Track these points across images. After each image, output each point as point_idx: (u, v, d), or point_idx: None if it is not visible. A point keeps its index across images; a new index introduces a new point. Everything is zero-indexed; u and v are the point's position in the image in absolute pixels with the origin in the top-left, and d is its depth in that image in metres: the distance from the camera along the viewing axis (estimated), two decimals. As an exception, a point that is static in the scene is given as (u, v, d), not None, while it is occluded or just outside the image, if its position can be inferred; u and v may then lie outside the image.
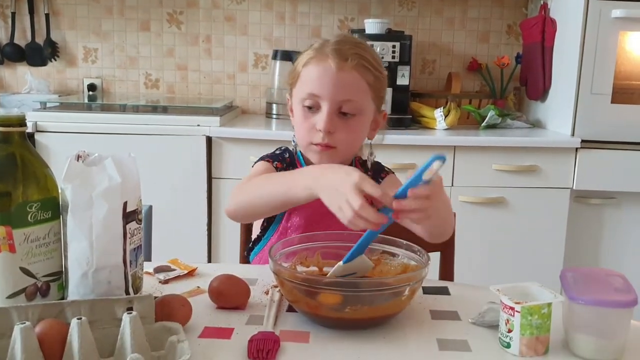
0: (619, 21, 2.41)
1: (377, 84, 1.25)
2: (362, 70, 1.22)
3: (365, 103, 1.25)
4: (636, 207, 2.55)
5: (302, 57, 1.26)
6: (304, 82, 1.24)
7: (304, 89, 1.24)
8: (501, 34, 3.08)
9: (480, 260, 2.50)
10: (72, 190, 0.87)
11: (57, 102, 2.70)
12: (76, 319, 0.77)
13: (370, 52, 1.26)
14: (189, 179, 2.45)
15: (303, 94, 1.24)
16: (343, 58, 1.20)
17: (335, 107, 1.22)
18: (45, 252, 0.91)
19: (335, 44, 1.23)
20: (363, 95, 1.24)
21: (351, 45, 1.23)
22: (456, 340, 0.93)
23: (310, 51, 1.25)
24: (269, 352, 0.85)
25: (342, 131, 1.23)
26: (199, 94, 3.08)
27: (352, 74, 1.21)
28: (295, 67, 1.27)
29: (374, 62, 1.25)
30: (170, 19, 3.01)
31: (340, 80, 1.20)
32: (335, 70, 1.20)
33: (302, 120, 1.26)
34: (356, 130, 1.26)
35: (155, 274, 1.16)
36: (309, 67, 1.24)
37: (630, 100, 2.50)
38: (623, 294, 0.86)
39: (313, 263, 1.12)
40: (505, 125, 2.73)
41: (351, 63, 1.20)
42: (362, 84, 1.23)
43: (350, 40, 1.27)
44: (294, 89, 1.28)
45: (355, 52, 1.22)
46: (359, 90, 1.23)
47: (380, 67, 1.27)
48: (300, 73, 1.26)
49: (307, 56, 1.25)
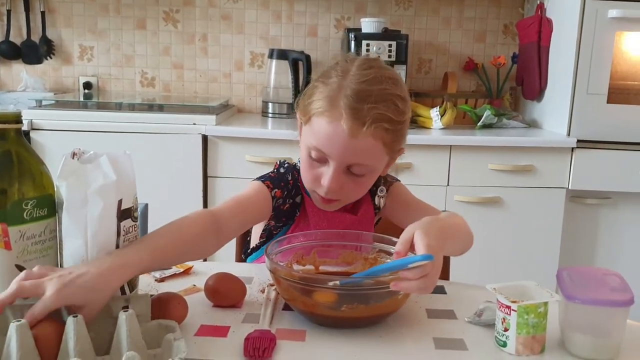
0: (615, 21, 2.41)
1: (394, 140, 1.11)
2: (380, 133, 1.07)
3: (378, 162, 1.14)
4: (632, 207, 2.55)
5: (317, 98, 1.10)
6: (314, 133, 1.11)
7: (312, 140, 1.11)
8: (497, 33, 3.08)
9: (476, 259, 2.48)
10: (67, 187, 0.87)
11: (53, 100, 2.69)
12: (72, 316, 0.77)
13: (395, 103, 1.09)
14: (185, 178, 2.44)
15: (310, 144, 1.12)
16: (359, 122, 1.05)
17: (343, 167, 1.11)
18: (41, 250, 0.90)
19: (354, 98, 1.06)
20: (376, 156, 1.12)
21: (372, 102, 1.06)
22: (452, 339, 0.93)
23: (326, 99, 1.08)
24: (265, 350, 0.85)
25: (349, 188, 1.14)
26: (195, 93, 3.08)
27: (367, 141, 1.07)
28: (309, 105, 1.12)
29: (397, 116, 1.09)
30: (167, 17, 3.00)
31: (351, 146, 1.07)
32: (347, 136, 1.06)
33: (307, 166, 1.15)
34: (364, 186, 1.18)
35: (151, 272, 1.15)
36: (320, 120, 1.09)
37: (626, 100, 2.50)
38: (619, 293, 0.87)
39: (309, 261, 1.12)
40: (501, 125, 2.73)
41: (368, 130, 1.05)
42: (377, 148, 1.09)
43: (374, 91, 1.07)
44: (304, 126, 1.15)
45: (375, 113, 1.05)
46: (373, 154, 1.11)
47: (402, 116, 1.11)
48: (312, 118, 1.11)
49: (321, 104, 1.09)
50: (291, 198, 1.23)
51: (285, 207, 1.23)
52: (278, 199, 1.21)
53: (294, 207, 1.24)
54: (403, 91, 1.12)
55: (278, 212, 1.22)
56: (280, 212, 1.23)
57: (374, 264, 1.10)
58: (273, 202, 1.20)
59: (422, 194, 2.42)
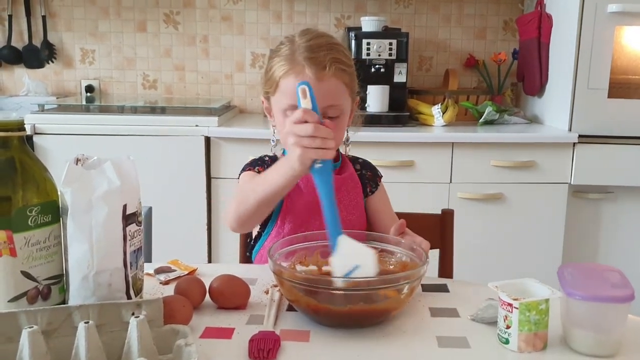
0: (615, 16, 2.41)
1: (352, 81, 1.27)
2: (340, 74, 1.22)
3: (346, 102, 1.27)
4: (634, 201, 2.56)
5: (277, 65, 1.24)
6: (285, 94, 1.23)
7: (286, 100, 1.23)
8: (498, 30, 3.09)
9: (479, 256, 2.50)
10: (72, 193, 0.88)
11: (55, 105, 2.70)
12: (83, 322, 0.78)
13: (343, 51, 1.26)
14: (188, 180, 2.45)
15: (285, 105, 1.23)
16: (321, 67, 1.20)
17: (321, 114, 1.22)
18: (46, 256, 0.91)
19: (309, 51, 1.21)
20: (343, 96, 1.25)
21: (326, 50, 1.22)
22: (455, 337, 0.93)
23: (284, 61, 1.23)
24: (269, 351, 0.86)
25: None
26: (197, 94, 3.09)
27: (332, 81, 1.21)
28: (272, 75, 1.26)
29: (348, 60, 1.26)
30: (167, 19, 3.01)
31: (321, 90, 1.18)
32: (315, 81, 1.18)
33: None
34: (340, 128, 1.28)
35: (156, 275, 1.16)
36: (287, 79, 1.22)
37: (627, 94, 2.50)
38: (620, 289, 0.87)
39: (312, 262, 1.13)
40: (502, 121, 2.73)
41: (330, 71, 1.20)
42: (340, 87, 1.24)
43: (322, 42, 1.24)
44: (273, 96, 1.28)
45: (332, 57, 1.21)
46: (340, 93, 1.24)
47: (351, 61, 1.27)
48: (278, 83, 1.24)
49: (283, 67, 1.23)
50: (265, 165, 1.33)
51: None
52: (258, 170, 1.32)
53: None
54: (343, 43, 1.27)
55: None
56: None
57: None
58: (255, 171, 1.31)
59: (424, 191, 2.46)
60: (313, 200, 1.24)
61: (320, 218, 1.24)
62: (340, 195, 1.33)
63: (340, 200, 1.32)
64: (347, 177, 1.37)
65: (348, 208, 1.34)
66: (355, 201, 1.36)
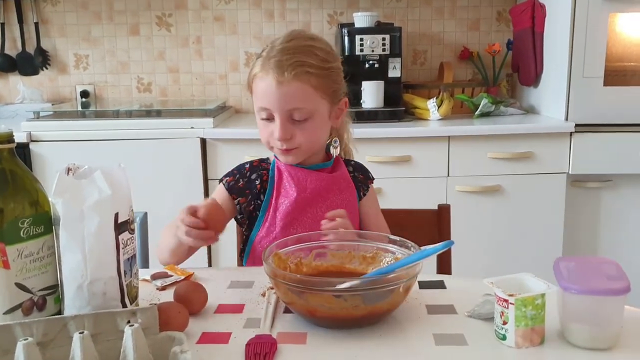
0: (608, 2, 2.40)
1: (323, 83, 1.27)
2: (303, 77, 1.23)
3: (314, 105, 1.27)
4: (632, 188, 2.55)
5: (254, 67, 1.28)
6: (256, 95, 1.29)
7: (257, 102, 1.29)
8: (491, 21, 3.08)
9: (478, 249, 2.50)
10: (63, 204, 0.87)
11: (51, 111, 2.70)
12: (78, 333, 0.78)
13: (314, 52, 1.26)
14: (185, 182, 2.45)
15: (256, 106, 1.29)
16: (281, 71, 1.22)
17: (286, 116, 1.26)
18: (40, 267, 0.91)
19: (278, 54, 1.24)
20: (310, 99, 1.26)
21: (291, 54, 1.23)
22: (452, 334, 0.93)
23: (258, 62, 1.27)
24: (266, 355, 0.86)
25: (299, 135, 1.28)
26: (192, 96, 3.08)
27: (293, 85, 1.23)
28: (249, 76, 1.30)
29: (317, 62, 1.25)
30: (160, 21, 3.00)
31: (282, 94, 1.23)
32: (275, 86, 1.23)
33: (262, 127, 1.31)
34: (312, 130, 1.29)
35: (153, 280, 1.16)
36: (256, 82, 1.27)
37: (622, 82, 2.49)
38: (615, 282, 0.87)
39: (308, 263, 1.12)
40: (499, 113, 2.73)
41: (289, 76, 1.22)
42: (306, 90, 1.24)
43: (294, 45, 1.26)
44: (252, 96, 1.32)
45: (294, 60, 1.23)
46: (304, 97, 1.25)
47: (325, 63, 1.27)
48: (252, 84, 1.29)
49: (255, 70, 1.27)
50: (245, 177, 1.36)
51: (240, 185, 1.35)
52: (230, 182, 1.36)
53: (250, 182, 1.35)
54: (323, 44, 1.30)
55: (235, 190, 1.35)
56: (236, 189, 1.35)
57: (372, 262, 1.10)
58: (226, 186, 1.35)
59: (422, 186, 2.46)
60: (301, 198, 1.31)
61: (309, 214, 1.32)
62: (332, 193, 1.34)
63: (331, 198, 1.34)
64: (339, 176, 1.37)
65: (341, 207, 1.32)
66: (348, 200, 1.36)
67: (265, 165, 1.37)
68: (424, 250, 0.99)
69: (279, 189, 1.33)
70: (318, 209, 1.32)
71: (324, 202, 1.33)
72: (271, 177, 1.35)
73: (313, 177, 1.33)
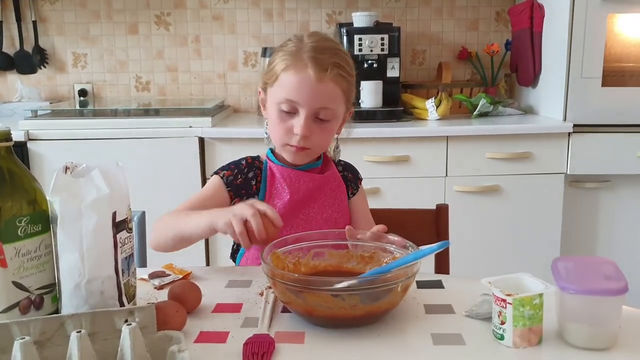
0: (607, 3, 2.40)
1: (349, 89, 1.30)
2: (339, 79, 1.25)
3: (340, 109, 1.30)
4: (630, 189, 2.55)
5: (280, 59, 1.27)
6: (283, 87, 1.26)
7: (282, 94, 1.26)
8: (490, 21, 3.08)
9: (476, 249, 2.50)
10: (61, 202, 0.87)
11: (49, 110, 2.69)
12: (75, 332, 0.77)
13: (346, 59, 1.29)
14: (184, 181, 2.44)
15: (280, 98, 1.26)
16: (323, 68, 1.23)
17: (312, 113, 1.26)
18: (37, 265, 0.91)
19: (314, 51, 1.24)
20: (338, 102, 1.28)
21: (330, 54, 1.25)
22: (450, 334, 0.93)
23: (288, 56, 1.26)
24: (264, 354, 0.86)
25: (317, 135, 1.28)
26: (190, 95, 3.08)
27: (331, 85, 1.24)
28: (273, 68, 1.28)
29: (349, 68, 1.29)
30: (158, 20, 3.00)
31: (319, 91, 1.24)
32: (314, 81, 1.23)
33: (278, 121, 1.29)
34: (330, 133, 1.33)
35: (150, 279, 1.16)
36: (287, 73, 1.25)
37: (621, 82, 2.50)
38: (613, 282, 0.87)
39: (305, 263, 1.12)
40: (497, 113, 2.73)
41: (330, 74, 1.23)
42: (338, 93, 1.27)
43: (328, 46, 1.28)
44: (270, 88, 1.30)
45: (334, 61, 1.24)
46: (336, 98, 1.27)
47: (353, 71, 1.31)
48: (278, 76, 1.27)
49: (285, 61, 1.25)
50: (243, 174, 1.33)
51: (238, 182, 1.32)
52: (228, 177, 1.32)
53: (247, 181, 1.33)
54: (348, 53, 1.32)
55: (233, 187, 1.31)
56: (234, 186, 1.31)
57: (370, 262, 1.10)
58: (224, 180, 1.31)
59: (420, 185, 2.46)
60: (294, 199, 1.31)
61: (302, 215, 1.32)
62: (323, 193, 1.35)
63: (323, 199, 1.35)
64: (330, 175, 1.38)
65: (332, 206, 1.35)
66: (339, 199, 1.38)
67: (258, 164, 1.36)
68: (420, 251, 1.00)
69: (271, 191, 1.33)
70: (310, 209, 1.33)
71: (315, 203, 1.34)
72: (264, 179, 1.34)
73: (306, 179, 1.34)
